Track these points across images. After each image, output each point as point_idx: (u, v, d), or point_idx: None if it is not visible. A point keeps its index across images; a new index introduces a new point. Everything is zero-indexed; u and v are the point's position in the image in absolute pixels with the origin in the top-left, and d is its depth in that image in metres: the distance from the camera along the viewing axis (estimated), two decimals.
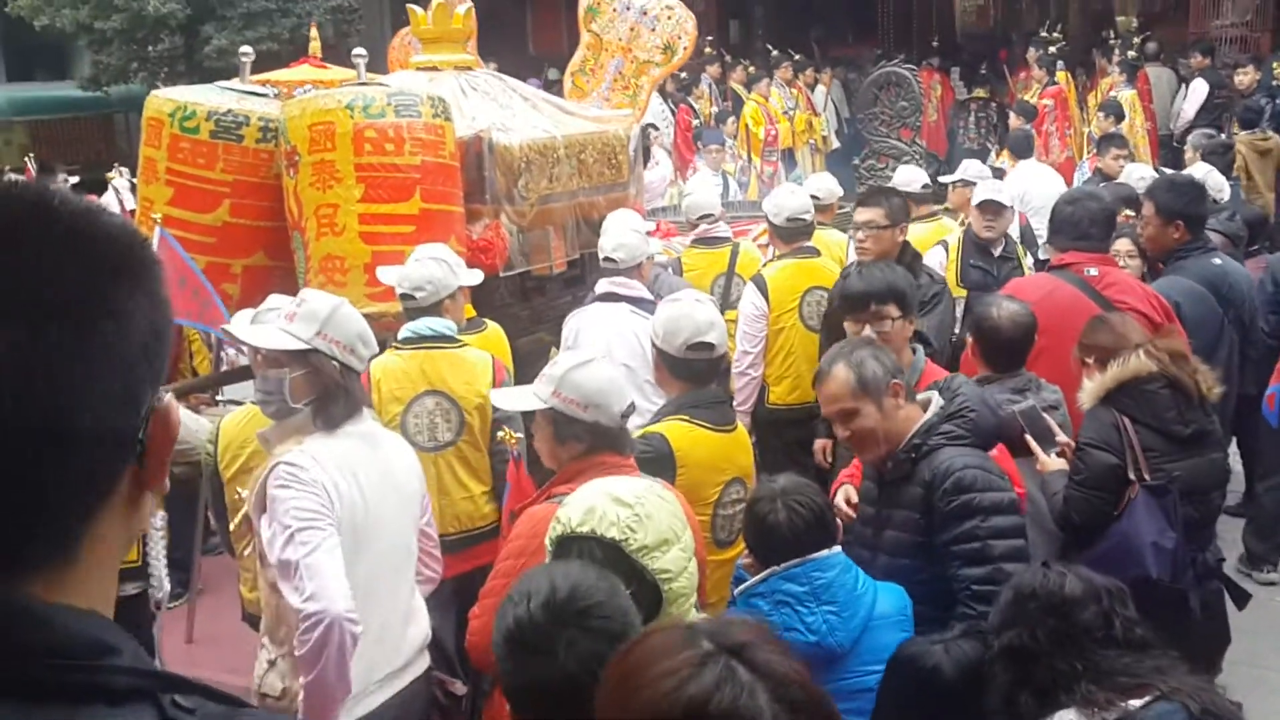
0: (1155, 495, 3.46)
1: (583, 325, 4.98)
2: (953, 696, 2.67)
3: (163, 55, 13.00)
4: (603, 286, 5.06)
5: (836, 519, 2.94)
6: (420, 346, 4.14)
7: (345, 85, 5.19)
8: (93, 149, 14.68)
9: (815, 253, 5.69)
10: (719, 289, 6.11)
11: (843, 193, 7.64)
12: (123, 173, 11.62)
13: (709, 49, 15.42)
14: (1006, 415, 3.72)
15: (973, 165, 7.52)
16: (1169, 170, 8.48)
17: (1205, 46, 13.47)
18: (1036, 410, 3.81)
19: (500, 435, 3.97)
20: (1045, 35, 14.51)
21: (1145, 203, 5.33)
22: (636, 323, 4.84)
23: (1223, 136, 9.56)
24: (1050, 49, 13.72)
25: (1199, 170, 6.98)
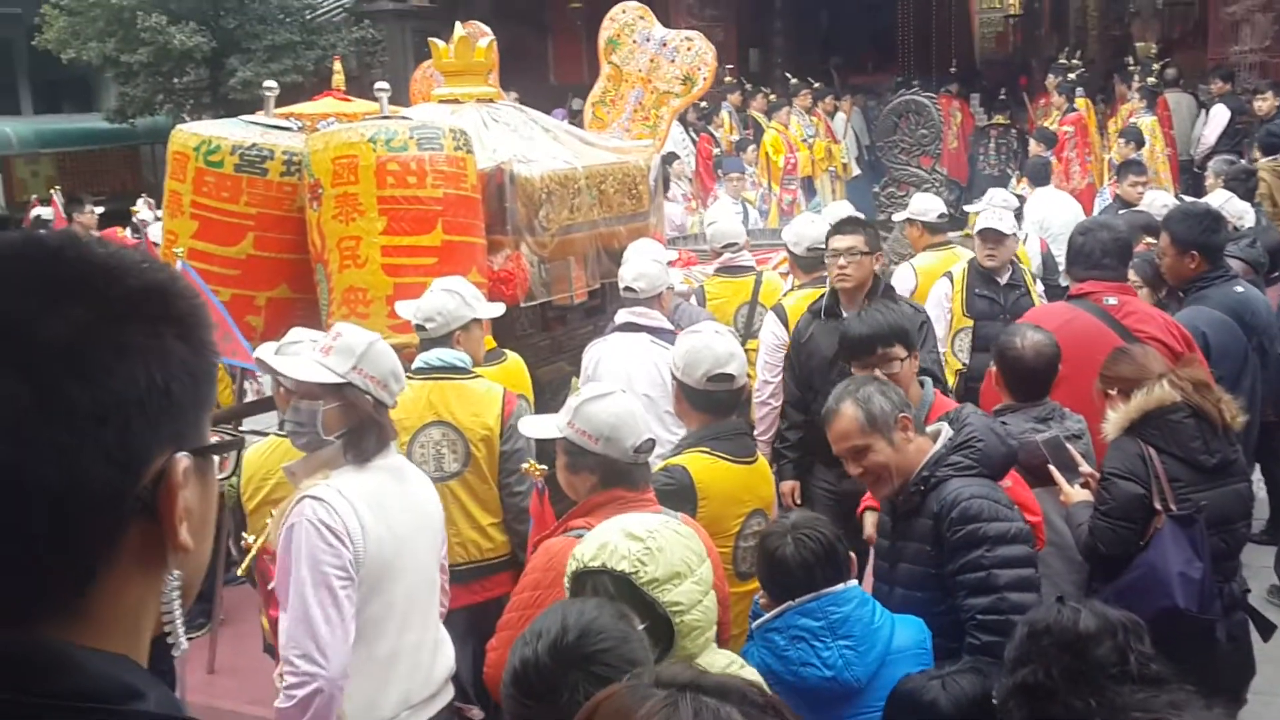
0: (1182, 525, 3.44)
1: (602, 355, 5.00)
2: None
3: (188, 88, 13.16)
4: (623, 316, 5.07)
5: (850, 553, 2.93)
6: (430, 377, 4.14)
7: (368, 118, 5.24)
8: (118, 180, 14.85)
9: None
10: (742, 318, 6.12)
11: (863, 220, 7.64)
12: (150, 204, 11.75)
13: (729, 77, 15.50)
14: (1028, 444, 3.72)
15: (998, 193, 7.50)
16: (1189, 197, 8.45)
17: (1225, 72, 13.45)
18: (1060, 440, 3.80)
19: (524, 467, 3.97)
20: (1065, 62, 14.51)
21: (1162, 233, 5.33)
22: (656, 353, 4.86)
23: (1243, 162, 9.52)
24: (1070, 75, 13.72)
25: (1218, 197, 6.96)
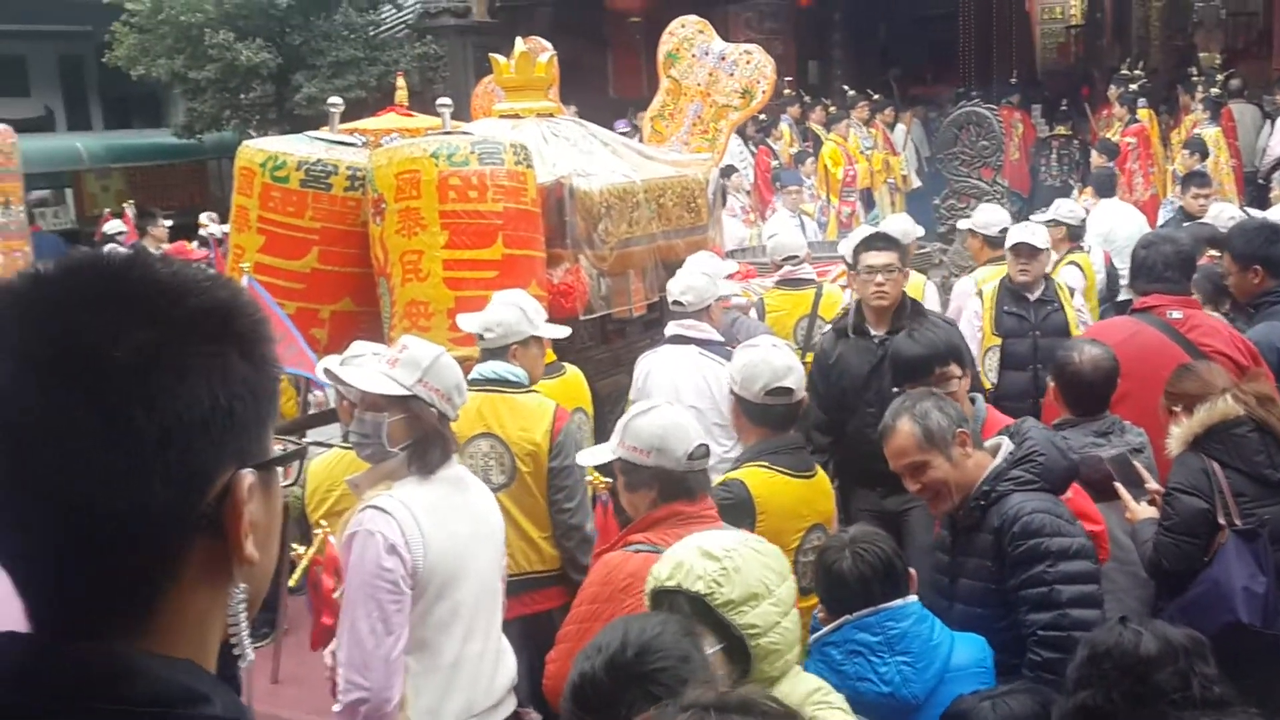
0: (1245, 540, 3.39)
1: (652, 368, 5.02)
2: None
3: (254, 103, 13.38)
4: (671, 329, 5.09)
5: (910, 569, 2.91)
6: (482, 388, 4.16)
7: (430, 134, 5.32)
8: (186, 195, 15.14)
9: None
10: (802, 331, 6.10)
11: (922, 232, 7.60)
12: (213, 219, 11.97)
13: (788, 90, 15.47)
14: (1090, 459, 3.68)
15: (1064, 204, 7.41)
16: (1254, 210, 8.29)
17: None
18: (1126, 458, 3.76)
19: (589, 479, 3.98)
20: (1127, 72, 14.32)
21: (1225, 250, 5.24)
22: (705, 365, 4.87)
23: None
24: (1132, 86, 13.53)
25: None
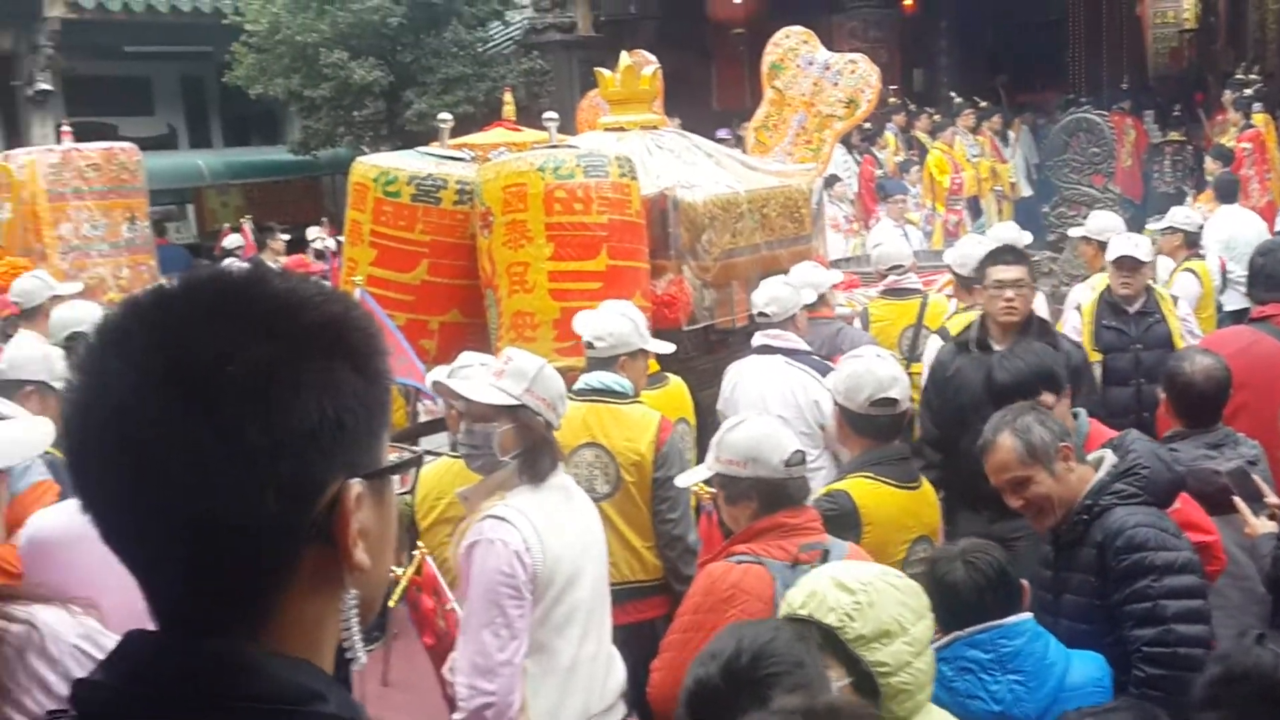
0: None
1: (739, 379, 5.02)
2: None
3: (366, 120, 13.67)
4: (758, 340, 5.09)
5: (1023, 581, 2.86)
6: (588, 398, 4.19)
7: (537, 147, 5.41)
8: (301, 210, 15.54)
9: None
10: (906, 341, 6.05)
11: (1030, 240, 7.47)
12: (325, 231, 12.32)
13: (893, 98, 15.33)
14: (1201, 472, 3.59)
15: (1180, 211, 7.22)
16: None
17: None
18: (1245, 471, 3.66)
19: (694, 489, 4.00)
20: (1242, 76, 13.86)
21: None
22: (791, 374, 4.86)
23: None
24: (1247, 90, 13.09)
25: None
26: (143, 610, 1.00)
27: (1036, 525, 3.22)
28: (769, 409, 4.41)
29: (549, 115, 5.55)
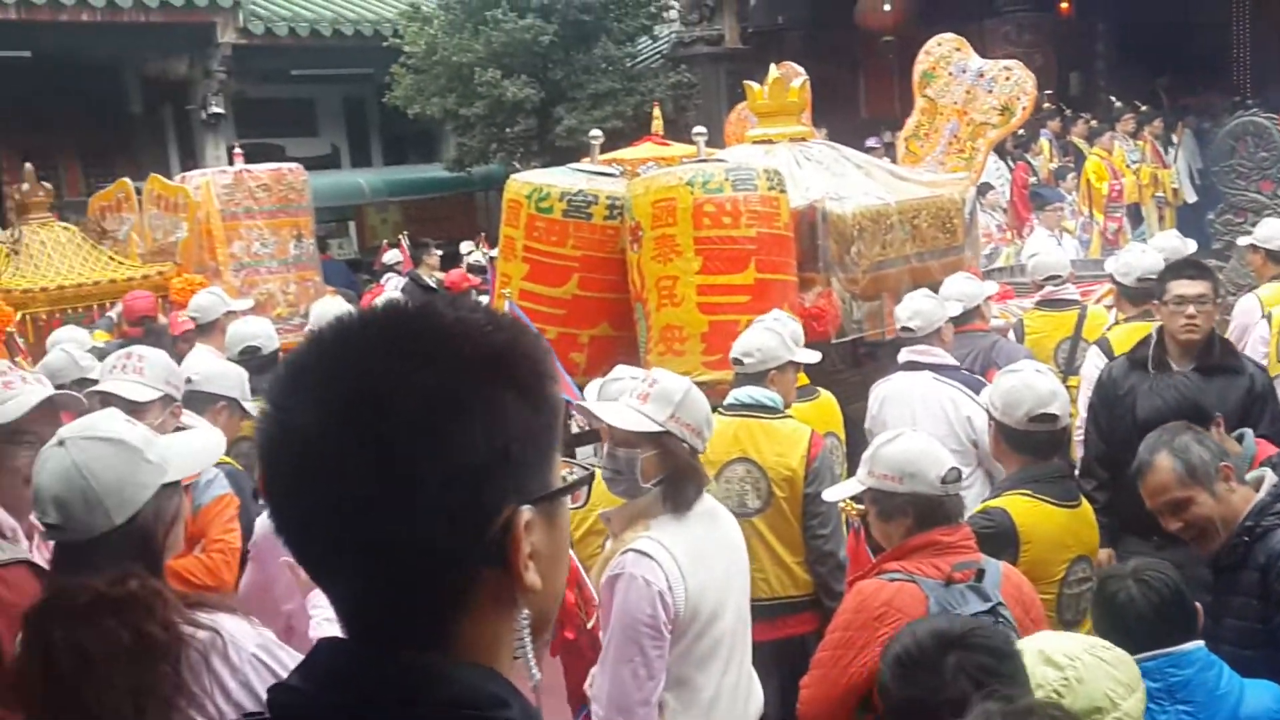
0: None
1: (886, 396, 4.94)
2: None
3: (518, 136, 13.98)
4: (904, 355, 4.99)
5: (1197, 605, 2.74)
6: (739, 413, 4.18)
7: (686, 162, 5.44)
8: (455, 225, 15.95)
9: None
10: (1063, 353, 5.88)
11: (1195, 248, 7.16)
12: (480, 240, 12.61)
13: (1048, 104, 14.90)
14: None
15: None
16: None
17: None
18: None
19: (841, 505, 3.97)
20: None
21: None
22: (941, 390, 4.76)
23: None
24: None
25: None
26: None
27: (1200, 549, 3.10)
28: (919, 427, 4.31)
29: (698, 130, 5.58)
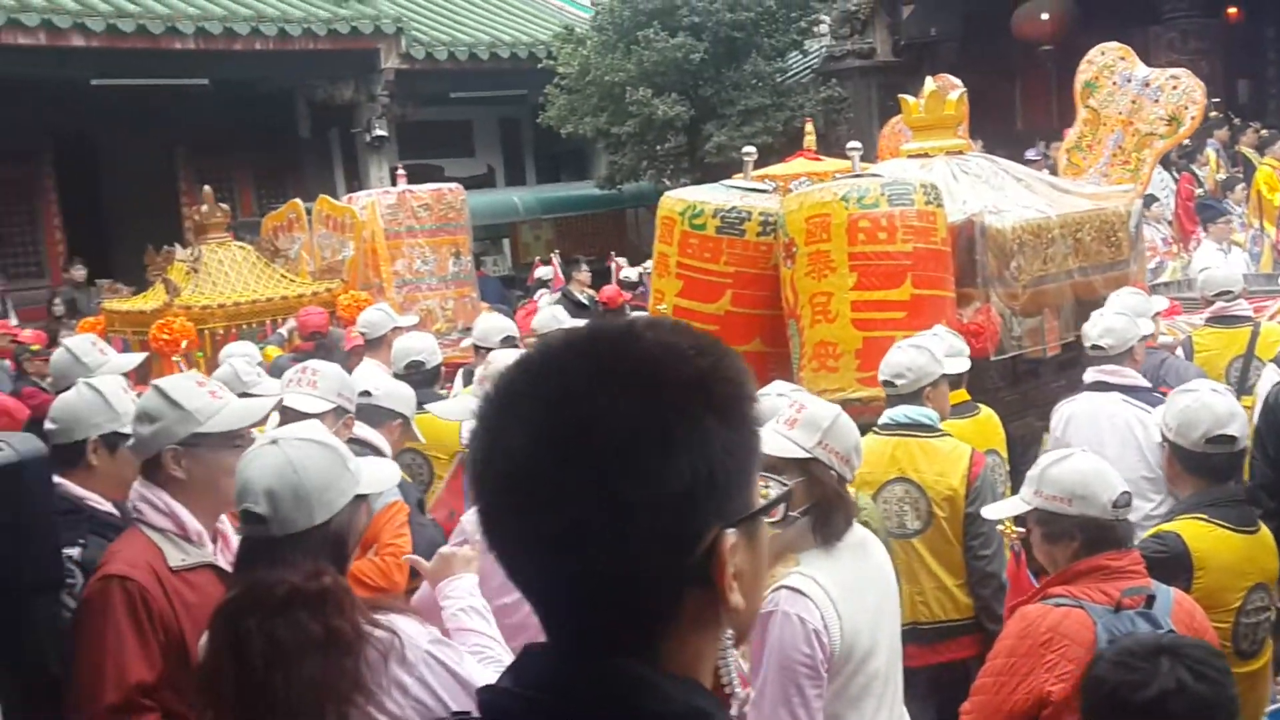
0: None
1: (1072, 415, 4.78)
2: None
3: (668, 154, 14.13)
4: (1091, 375, 4.82)
5: None
6: (895, 433, 4.12)
7: (840, 177, 5.42)
8: (606, 241, 16.19)
9: None
10: (1235, 372, 5.64)
11: None
12: (619, 263, 12.77)
13: (1215, 112, 14.31)
14: None
15: None
16: None
17: None
18: None
19: (1000, 528, 3.88)
20: None
21: None
22: (1130, 413, 4.59)
23: None
24: None
25: None
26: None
27: None
28: (1106, 451, 4.14)
29: (853, 145, 5.55)
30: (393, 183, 13.20)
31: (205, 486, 2.68)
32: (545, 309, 8.16)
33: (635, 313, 7.88)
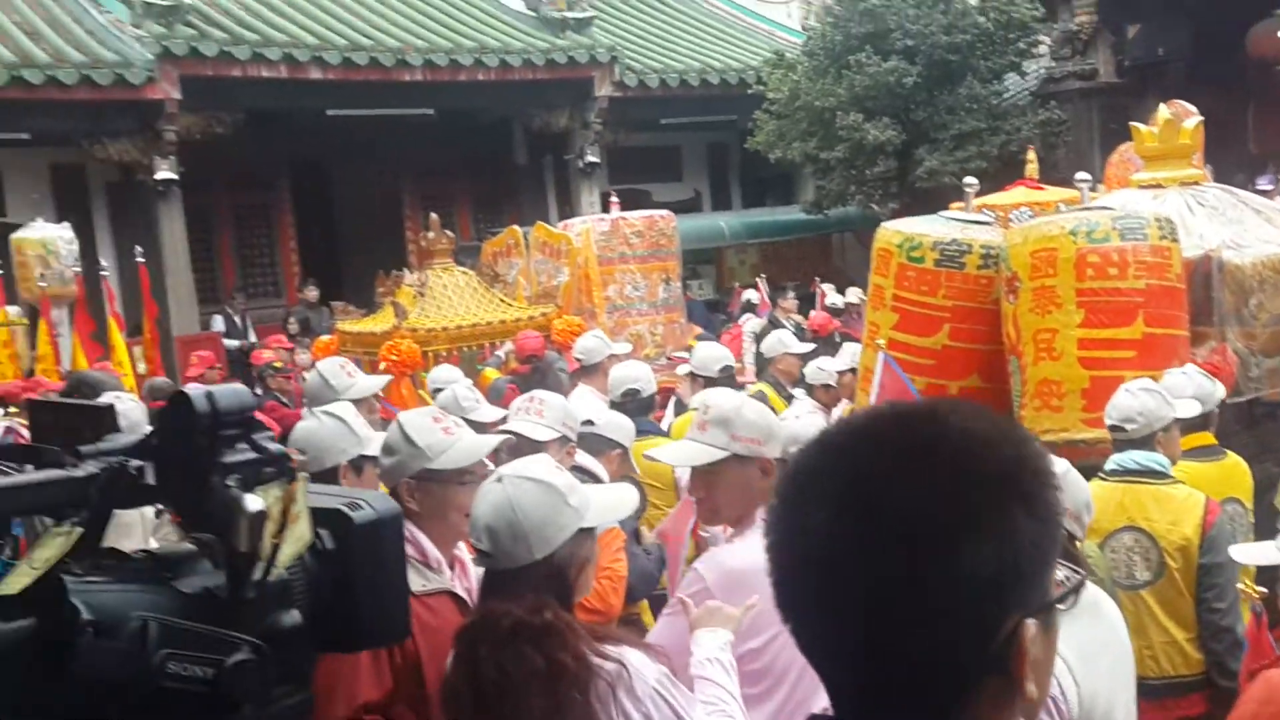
0: None
1: None
2: None
3: (877, 178, 13.96)
4: None
5: None
6: (1124, 479, 3.96)
7: (1065, 208, 5.28)
8: (811, 267, 16.08)
9: None
10: None
11: None
12: (824, 290, 12.65)
13: None
14: None
15: None
16: None
17: None
18: None
19: (1240, 587, 3.70)
20: None
21: None
22: None
23: None
24: None
25: None
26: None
27: None
28: None
29: (1081, 176, 5.41)
30: (603, 207, 13.56)
31: (437, 519, 2.80)
32: (773, 334, 8.18)
33: (846, 342, 7.81)
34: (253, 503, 0.99)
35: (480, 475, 2.73)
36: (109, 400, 4.46)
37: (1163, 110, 6.17)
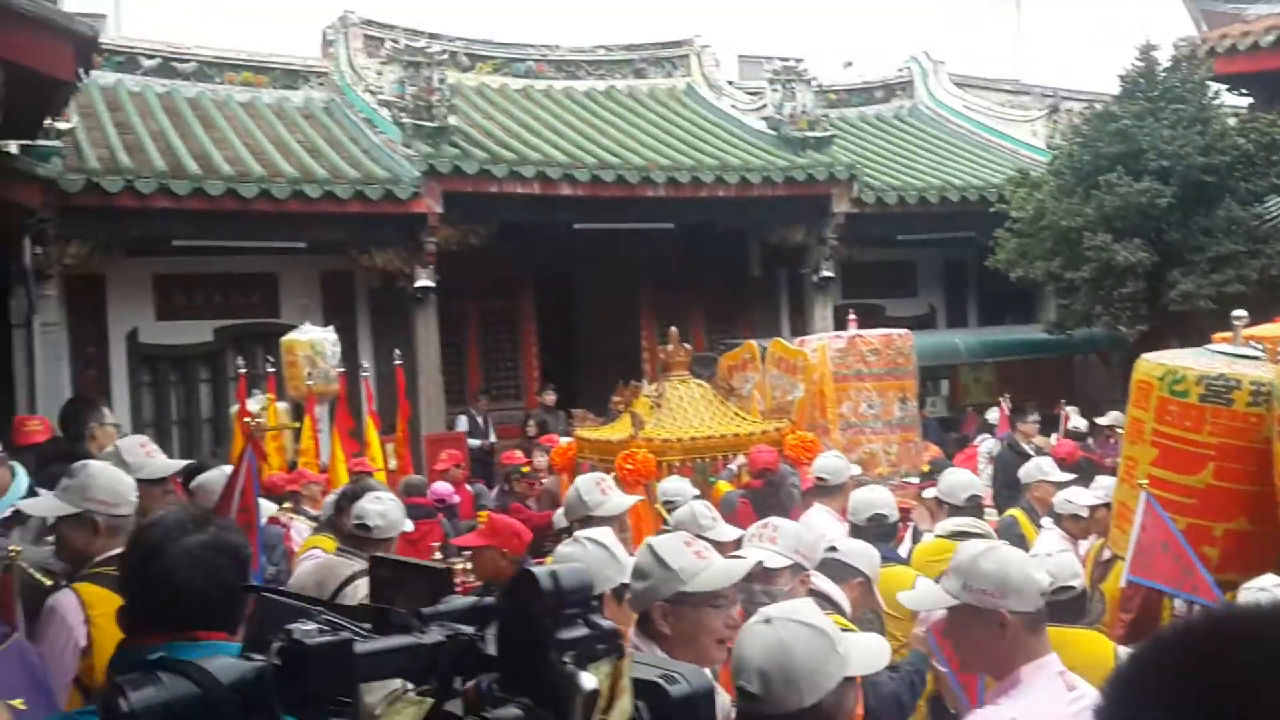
0: None
1: None
2: None
3: (1126, 299, 13.43)
4: None
5: None
6: None
7: None
8: (1050, 387, 15.53)
9: None
10: None
11: None
12: (1067, 413, 12.19)
13: None
14: None
15: None
16: None
17: None
18: None
19: None
20: None
21: None
22: None
23: None
24: None
25: None
26: None
27: None
28: None
29: None
30: (836, 322, 13.57)
31: (688, 643, 2.82)
32: (1033, 460, 7.76)
33: (1099, 474, 7.49)
34: (588, 681, 1.04)
35: (731, 600, 2.78)
36: (371, 499, 4.79)
37: None
